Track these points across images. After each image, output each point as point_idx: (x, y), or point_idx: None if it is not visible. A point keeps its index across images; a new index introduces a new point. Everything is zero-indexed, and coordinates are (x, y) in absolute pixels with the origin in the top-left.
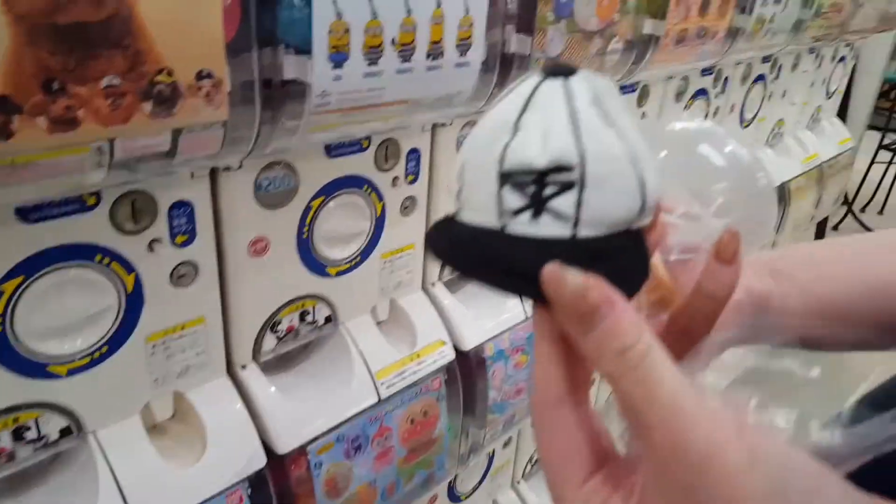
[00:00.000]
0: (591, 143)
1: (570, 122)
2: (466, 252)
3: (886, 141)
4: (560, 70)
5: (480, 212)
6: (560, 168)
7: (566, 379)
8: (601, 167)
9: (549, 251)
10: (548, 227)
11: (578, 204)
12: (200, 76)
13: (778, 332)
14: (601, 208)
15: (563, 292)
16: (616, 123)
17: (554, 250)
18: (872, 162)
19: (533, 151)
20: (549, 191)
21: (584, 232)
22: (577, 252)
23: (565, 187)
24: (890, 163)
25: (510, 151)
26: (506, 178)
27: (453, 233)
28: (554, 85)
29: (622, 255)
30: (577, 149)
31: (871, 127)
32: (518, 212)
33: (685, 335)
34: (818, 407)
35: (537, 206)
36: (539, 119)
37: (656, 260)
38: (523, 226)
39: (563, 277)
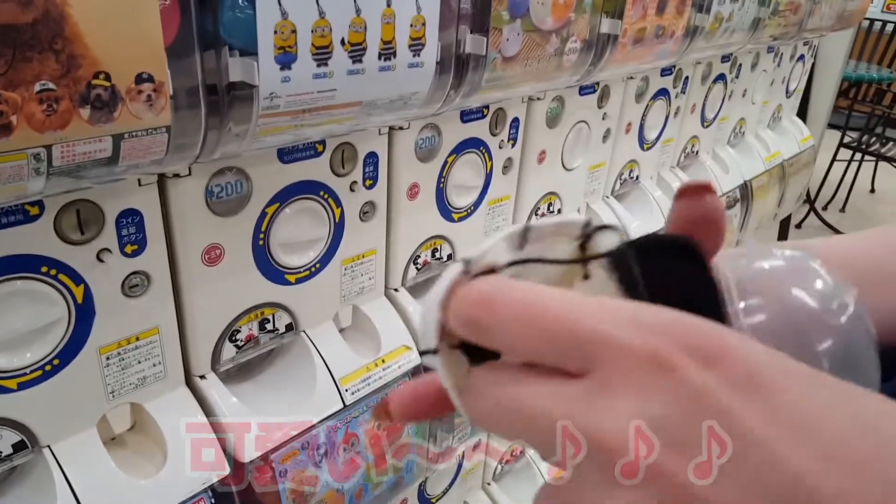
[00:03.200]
0: None
1: None
2: None
3: (846, 139)
4: None
5: None
6: None
7: None
8: None
9: None
10: None
11: None
12: (140, 80)
13: None
14: None
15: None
16: None
17: None
18: (833, 160)
19: None
20: None
21: None
22: None
23: None
24: (850, 161)
25: None
26: None
27: None
28: None
29: None
30: None
31: (831, 126)
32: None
33: None
34: None
35: None
36: None
37: None
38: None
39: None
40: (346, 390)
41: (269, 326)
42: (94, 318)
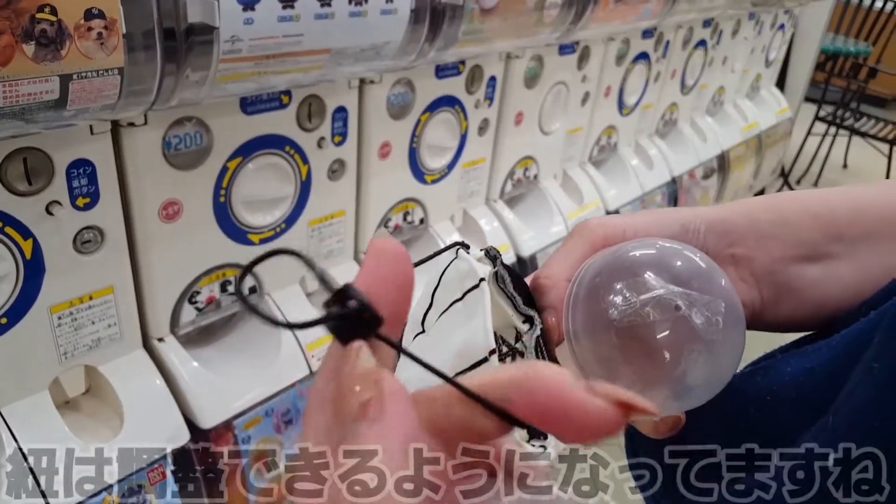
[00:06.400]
0: None
1: None
2: None
3: (822, 113)
4: None
5: None
6: None
7: None
8: None
9: None
10: None
11: None
12: (90, 15)
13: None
14: None
15: None
16: None
17: None
18: (808, 134)
19: None
20: None
21: None
22: None
23: None
24: (824, 135)
25: None
26: None
27: None
28: None
29: None
30: None
31: (807, 99)
32: None
33: None
34: None
35: None
36: None
37: None
38: None
39: None
40: (313, 356)
41: (231, 289)
42: (44, 274)
